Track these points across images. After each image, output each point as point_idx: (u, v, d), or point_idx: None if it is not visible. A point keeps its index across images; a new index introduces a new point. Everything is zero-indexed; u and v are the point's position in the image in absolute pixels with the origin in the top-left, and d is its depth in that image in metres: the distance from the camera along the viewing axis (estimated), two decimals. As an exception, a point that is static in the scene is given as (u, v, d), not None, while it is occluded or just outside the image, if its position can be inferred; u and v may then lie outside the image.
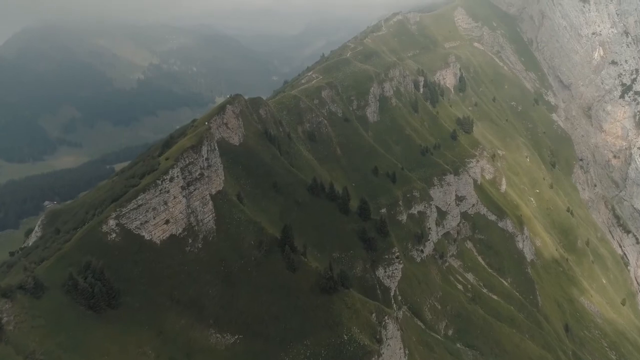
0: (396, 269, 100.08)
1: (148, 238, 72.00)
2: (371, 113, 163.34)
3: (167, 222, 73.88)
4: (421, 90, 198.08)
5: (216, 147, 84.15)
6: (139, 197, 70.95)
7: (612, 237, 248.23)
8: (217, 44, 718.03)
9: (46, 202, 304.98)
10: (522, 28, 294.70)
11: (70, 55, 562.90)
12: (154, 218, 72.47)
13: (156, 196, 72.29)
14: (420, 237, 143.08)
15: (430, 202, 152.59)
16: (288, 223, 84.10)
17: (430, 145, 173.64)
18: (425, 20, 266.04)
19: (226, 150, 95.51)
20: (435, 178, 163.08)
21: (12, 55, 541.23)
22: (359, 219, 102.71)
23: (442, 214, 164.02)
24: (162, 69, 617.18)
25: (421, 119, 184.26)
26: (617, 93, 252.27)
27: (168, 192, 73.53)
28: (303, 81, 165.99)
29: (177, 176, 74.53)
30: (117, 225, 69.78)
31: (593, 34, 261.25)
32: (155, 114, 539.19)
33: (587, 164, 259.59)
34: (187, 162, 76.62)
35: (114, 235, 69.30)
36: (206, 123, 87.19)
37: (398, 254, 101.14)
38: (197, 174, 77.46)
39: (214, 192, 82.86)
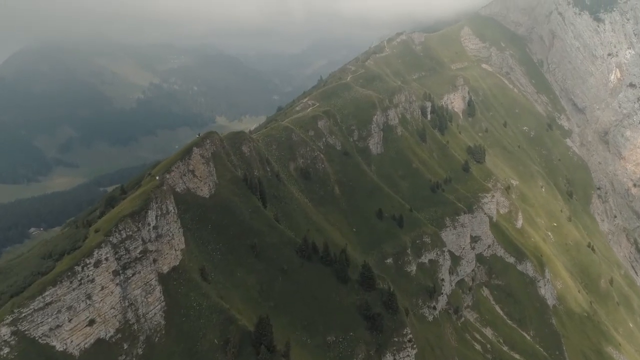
0: (408, 355, 76.71)
1: (61, 349, 49.42)
2: (374, 144, 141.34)
3: (91, 323, 51.36)
4: (429, 116, 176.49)
5: (171, 208, 61.79)
6: (46, 293, 48.51)
7: (636, 273, 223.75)
8: (218, 63, 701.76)
9: (32, 229, 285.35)
10: (532, 49, 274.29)
11: (69, 75, 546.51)
12: (70, 320, 49.97)
13: (73, 289, 49.87)
14: (432, 292, 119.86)
15: (443, 249, 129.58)
16: (265, 313, 61.15)
17: (441, 179, 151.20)
18: (431, 41, 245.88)
19: (192, 205, 73.21)
20: (447, 218, 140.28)
21: (10, 74, 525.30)
22: (361, 290, 79.75)
23: (455, 260, 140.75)
24: (162, 88, 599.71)
25: (430, 150, 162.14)
26: (637, 117, 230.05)
27: (92, 281, 51.11)
28: (297, 108, 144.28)
29: (107, 258, 52.10)
30: (13, 333, 47.22)
31: (609, 55, 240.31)
32: (154, 134, 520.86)
33: (606, 193, 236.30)
34: (124, 236, 54.25)
35: (7, 350, 46.65)
36: (157, 177, 64.76)
37: (411, 336, 77.69)
38: (138, 251, 55.09)
39: (166, 270, 60.36)
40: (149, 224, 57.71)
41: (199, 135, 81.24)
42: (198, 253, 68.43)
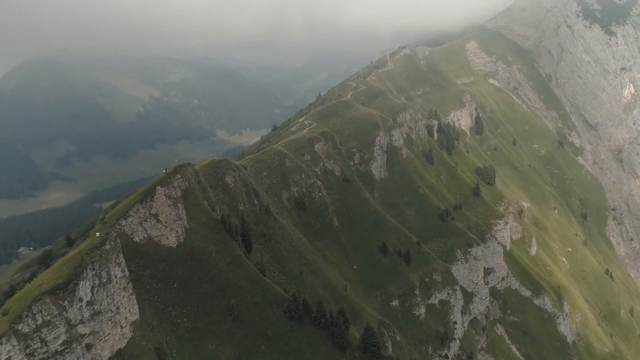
0: None
1: None
2: (377, 169, 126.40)
3: None
4: (435, 136, 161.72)
5: (117, 273, 46.73)
6: None
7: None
8: (219, 76, 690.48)
9: (21, 249, 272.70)
10: (540, 63, 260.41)
11: (69, 89, 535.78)
12: None
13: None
14: (444, 337, 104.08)
15: (455, 287, 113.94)
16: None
17: (450, 205, 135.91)
18: (435, 55, 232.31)
19: (153, 259, 58.11)
20: (458, 250, 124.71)
21: (9, 88, 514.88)
22: (364, 359, 64.06)
23: (467, 296, 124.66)
24: (162, 101, 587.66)
25: (437, 172, 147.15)
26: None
27: (-12, 391, 35.73)
28: (293, 129, 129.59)
29: (11, 357, 36.72)
30: None
31: (622, 69, 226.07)
32: (153, 147, 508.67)
33: (621, 214, 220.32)
34: (39, 322, 39.15)
35: None
36: (97, 234, 49.48)
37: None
38: (60, 341, 39.83)
39: (107, 356, 45.05)
40: (80, 300, 42.66)
41: (165, 170, 66.29)
42: (157, 324, 53.19)
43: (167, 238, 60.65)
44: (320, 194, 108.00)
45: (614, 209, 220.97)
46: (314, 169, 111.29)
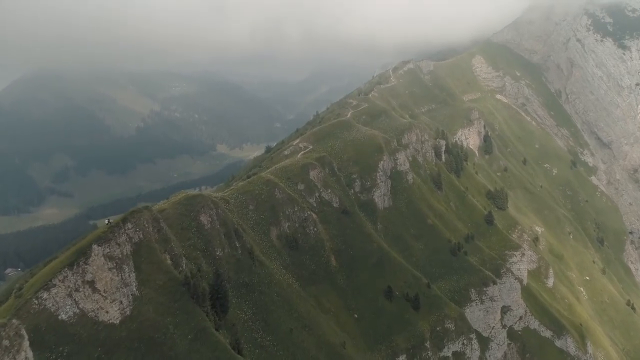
0: None
1: None
2: (380, 197, 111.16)
3: None
4: (443, 157, 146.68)
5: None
6: None
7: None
8: (220, 90, 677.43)
9: (8, 270, 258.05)
10: (548, 78, 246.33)
11: (68, 103, 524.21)
12: None
13: None
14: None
15: (470, 336, 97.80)
16: None
17: (462, 236, 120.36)
18: (440, 70, 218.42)
19: (86, 343, 42.78)
20: (472, 290, 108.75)
21: (8, 102, 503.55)
22: None
23: (483, 342, 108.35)
24: (162, 115, 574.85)
25: (446, 199, 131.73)
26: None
27: None
28: (286, 152, 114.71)
29: None
30: None
31: (637, 84, 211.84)
32: (153, 162, 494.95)
33: (639, 237, 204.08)
34: None
35: None
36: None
37: None
38: None
39: None
40: None
41: (108, 222, 50.50)
42: None
43: (107, 312, 45.27)
44: (315, 229, 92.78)
45: (631, 233, 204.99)
46: (308, 200, 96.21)
